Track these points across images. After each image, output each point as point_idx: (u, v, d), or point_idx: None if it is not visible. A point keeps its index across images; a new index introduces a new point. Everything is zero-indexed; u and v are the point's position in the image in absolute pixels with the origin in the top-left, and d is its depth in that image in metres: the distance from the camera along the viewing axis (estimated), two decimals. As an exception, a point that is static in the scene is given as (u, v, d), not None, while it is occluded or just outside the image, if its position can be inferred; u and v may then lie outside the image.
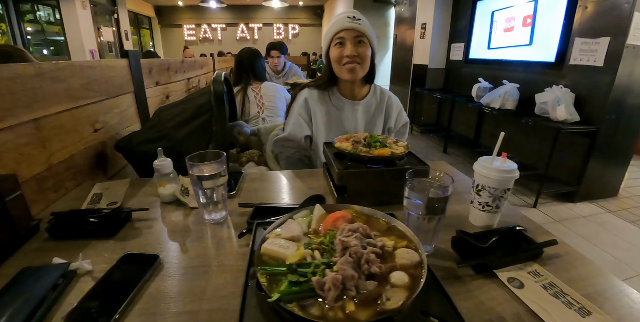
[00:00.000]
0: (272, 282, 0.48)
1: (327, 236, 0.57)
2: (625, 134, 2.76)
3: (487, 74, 3.73)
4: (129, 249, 0.70)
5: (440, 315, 0.47)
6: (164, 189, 0.91)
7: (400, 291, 0.47)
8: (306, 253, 0.52)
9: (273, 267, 0.50)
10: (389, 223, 0.64)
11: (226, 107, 1.05)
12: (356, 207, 0.68)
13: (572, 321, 0.54)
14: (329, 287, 0.44)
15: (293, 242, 0.56)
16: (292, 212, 0.65)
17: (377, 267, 0.48)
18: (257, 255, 0.53)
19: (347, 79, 1.26)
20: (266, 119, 2.12)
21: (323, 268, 0.48)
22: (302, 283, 0.46)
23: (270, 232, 0.59)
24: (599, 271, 0.68)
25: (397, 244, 0.56)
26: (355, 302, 0.44)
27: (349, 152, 0.91)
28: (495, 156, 0.81)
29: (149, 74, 1.75)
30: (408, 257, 0.52)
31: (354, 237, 0.51)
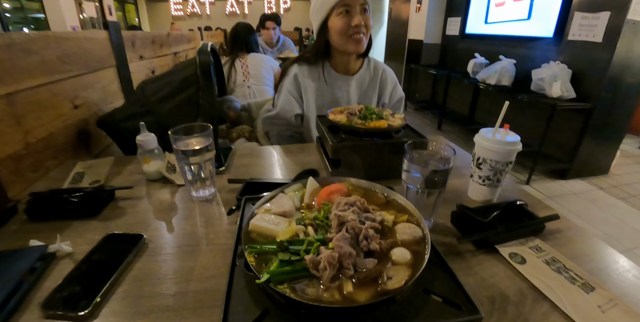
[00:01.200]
0: (262, 261, 0.44)
1: (321, 210, 0.53)
2: (620, 112, 2.74)
3: (484, 49, 3.64)
4: (113, 229, 0.67)
5: (443, 293, 0.44)
6: (148, 166, 0.86)
7: (402, 268, 0.43)
8: (298, 229, 0.48)
9: (262, 245, 0.46)
10: (388, 196, 0.60)
11: (214, 79, 0.98)
12: (352, 180, 0.64)
13: (576, 297, 0.52)
14: (324, 266, 0.40)
15: (284, 218, 0.52)
16: (283, 186, 0.61)
17: (376, 243, 0.44)
18: (245, 232, 0.49)
19: (353, 51, 1.17)
20: (252, 87, 2.12)
21: (317, 245, 0.44)
22: (294, 262, 0.42)
23: (259, 207, 0.55)
24: (600, 245, 0.66)
25: (398, 219, 0.52)
26: (354, 282, 0.41)
27: (344, 124, 0.86)
28: (498, 128, 0.77)
29: (132, 47, 1.65)
30: (410, 232, 0.49)
31: (351, 212, 0.48)
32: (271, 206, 0.54)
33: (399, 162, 0.86)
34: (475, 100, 4.02)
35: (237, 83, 2.16)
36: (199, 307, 0.48)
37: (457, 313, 0.41)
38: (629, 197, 2.75)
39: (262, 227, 0.50)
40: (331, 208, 0.52)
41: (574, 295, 0.53)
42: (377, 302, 0.38)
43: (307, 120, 1.27)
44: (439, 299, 0.43)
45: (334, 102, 1.26)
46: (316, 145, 1.09)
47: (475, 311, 0.41)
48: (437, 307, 0.42)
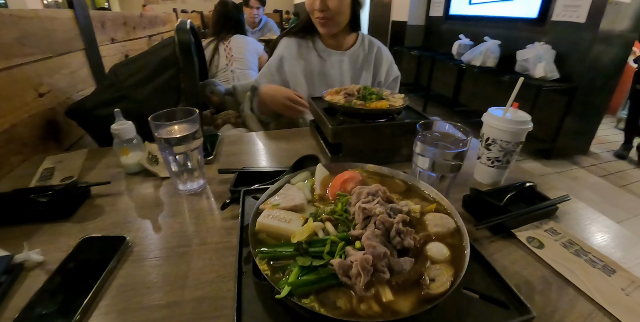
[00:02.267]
0: (276, 268, 0.37)
1: (338, 202, 0.46)
2: (601, 92, 2.78)
3: (468, 30, 3.59)
4: (90, 232, 0.58)
5: (486, 291, 0.38)
6: (127, 158, 0.77)
7: (442, 267, 0.37)
8: (317, 226, 0.40)
9: (275, 248, 0.39)
10: (407, 183, 0.53)
11: (195, 60, 0.88)
12: (366, 166, 0.57)
13: (599, 281, 0.51)
14: (357, 271, 0.33)
15: (296, 214, 0.44)
16: (287, 175, 0.54)
17: (411, 239, 0.38)
18: (252, 233, 0.42)
19: (321, 32, 1.13)
20: (236, 71, 1.98)
21: (342, 245, 0.37)
22: (317, 268, 0.35)
23: (265, 201, 0.47)
24: (612, 226, 0.65)
25: (425, 209, 0.46)
26: (392, 288, 0.34)
27: (343, 105, 0.79)
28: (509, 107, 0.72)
29: (102, 28, 1.50)
30: (442, 223, 0.43)
31: (377, 203, 0.41)
32: (279, 200, 0.46)
33: (402, 144, 0.82)
34: (459, 82, 4.00)
35: (219, 67, 2.00)
36: (197, 319, 0.41)
37: (506, 314, 0.36)
38: (608, 174, 2.83)
39: (273, 226, 0.42)
40: (350, 200, 0.45)
41: (596, 279, 0.51)
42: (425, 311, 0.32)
43: None
44: (474, 296, 0.38)
45: (325, 79, 1.20)
46: (310, 129, 1.02)
47: (525, 310, 0.36)
48: (483, 308, 0.37)
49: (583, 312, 0.45)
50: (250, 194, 0.56)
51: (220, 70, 1.99)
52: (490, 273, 0.41)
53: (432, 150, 0.56)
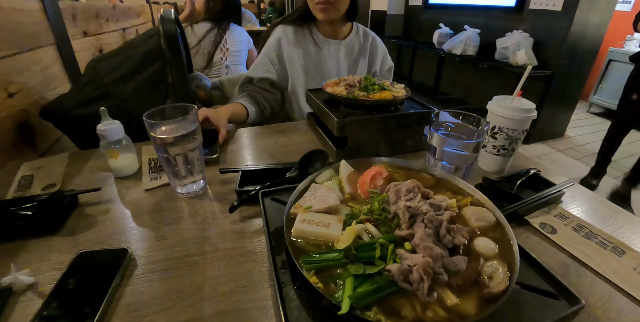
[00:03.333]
0: (324, 279, 0.33)
1: (373, 201, 0.43)
2: (576, 78, 2.87)
3: (448, 19, 3.61)
4: (84, 245, 0.53)
5: (532, 283, 0.37)
6: (116, 161, 0.71)
7: (495, 262, 0.35)
8: (360, 229, 0.37)
9: (320, 255, 0.35)
10: (435, 176, 0.51)
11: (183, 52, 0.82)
12: (390, 160, 0.54)
13: (612, 262, 0.53)
14: (419, 276, 0.30)
15: (332, 216, 0.40)
16: (297, 178, 0.50)
17: (462, 236, 0.36)
18: (289, 241, 0.38)
19: (320, 19, 1.08)
20: (230, 67, 1.80)
21: (392, 248, 0.34)
22: (373, 276, 0.32)
23: (295, 205, 0.43)
24: (615, 208, 0.68)
25: (460, 202, 0.44)
26: (453, 290, 0.32)
27: (346, 97, 0.76)
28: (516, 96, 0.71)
29: (73, 21, 1.39)
30: (483, 217, 0.41)
31: (422, 201, 0.38)
32: (311, 202, 0.43)
33: (406, 136, 0.80)
34: (440, 71, 4.04)
35: (213, 61, 1.79)
36: (224, 336, 0.38)
37: (557, 305, 0.35)
38: (583, 157, 2.95)
39: (312, 232, 0.38)
40: (386, 198, 0.42)
41: (609, 260, 0.53)
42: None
43: (293, 89, 1.15)
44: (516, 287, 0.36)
45: (322, 68, 1.16)
46: (308, 122, 0.98)
47: (574, 300, 0.35)
48: (533, 301, 0.35)
49: (603, 293, 0.47)
50: (269, 195, 0.52)
51: (214, 65, 1.81)
52: (532, 264, 0.40)
53: (449, 141, 0.55)
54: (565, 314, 0.33)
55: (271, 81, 1.13)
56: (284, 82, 1.16)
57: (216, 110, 0.91)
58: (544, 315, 0.33)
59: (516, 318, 0.33)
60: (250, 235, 0.55)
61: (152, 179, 0.71)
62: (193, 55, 1.76)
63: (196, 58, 1.78)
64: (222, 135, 0.87)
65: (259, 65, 1.13)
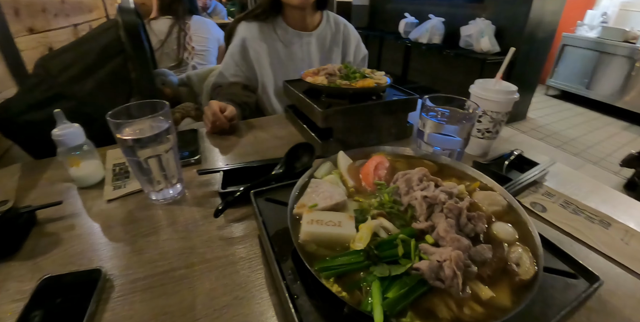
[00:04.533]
0: (346, 286, 0.30)
1: (382, 193, 0.39)
2: (534, 63, 3.01)
3: (413, 9, 3.65)
4: (48, 269, 0.46)
5: (551, 264, 0.36)
6: (78, 170, 0.63)
7: (519, 248, 0.33)
8: (376, 225, 0.34)
9: (337, 260, 0.31)
10: (438, 162, 0.49)
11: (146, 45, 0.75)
12: (388, 149, 0.51)
13: (601, 235, 0.55)
14: (452, 272, 0.28)
15: (341, 213, 0.36)
16: (284, 174, 0.45)
17: (483, 223, 0.34)
18: (299, 247, 0.33)
19: (296, 4, 1.01)
20: (197, 67, 1.61)
21: (414, 243, 0.31)
22: (401, 277, 0.29)
23: (297, 204, 0.39)
24: (595, 184, 0.70)
25: (468, 188, 0.42)
26: (485, 282, 0.30)
27: (328, 86, 0.73)
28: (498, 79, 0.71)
29: (16, 17, 1.24)
30: (494, 201, 0.39)
31: (438, 190, 0.36)
32: (315, 200, 0.38)
33: (391, 123, 0.78)
34: (407, 60, 4.09)
35: (179, 61, 1.62)
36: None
37: (578, 284, 0.34)
38: (545, 137, 3.12)
39: (324, 233, 0.34)
40: (396, 189, 0.39)
41: (598, 233, 0.55)
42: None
43: (263, 87, 1.10)
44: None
45: (292, 64, 1.11)
46: (286, 115, 0.94)
47: (592, 277, 0.35)
48: (557, 283, 0.34)
49: (599, 266, 0.48)
50: (261, 195, 0.47)
51: (181, 65, 1.63)
52: (546, 245, 0.39)
53: (441, 126, 0.53)
54: (588, 293, 0.32)
55: (243, 84, 1.07)
56: (254, 82, 1.10)
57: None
58: (568, 296, 0.33)
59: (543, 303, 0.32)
60: (240, 240, 0.50)
61: (116, 188, 0.64)
62: (159, 56, 1.60)
63: (162, 58, 1.62)
64: (231, 110, 0.86)
65: (226, 69, 1.07)
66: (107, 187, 0.65)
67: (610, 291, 0.42)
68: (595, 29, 3.60)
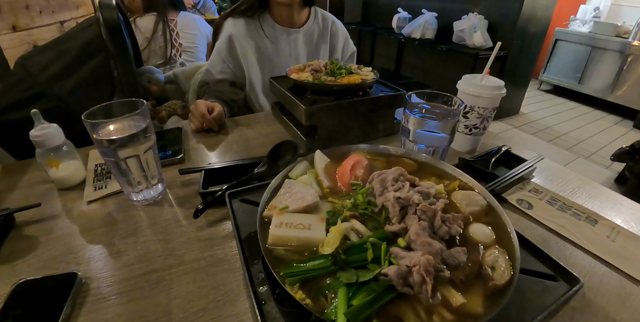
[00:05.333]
0: (312, 292, 0.29)
1: (356, 193, 0.38)
2: (527, 58, 3.00)
3: (406, 4, 3.62)
4: (25, 273, 0.45)
5: (530, 266, 0.35)
6: (57, 171, 0.62)
7: (495, 250, 0.32)
8: (346, 228, 0.33)
9: (304, 265, 0.30)
10: (418, 160, 0.48)
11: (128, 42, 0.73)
12: (368, 147, 0.50)
13: (587, 232, 0.54)
14: (420, 278, 0.27)
15: (312, 215, 0.36)
16: (266, 172, 0.44)
17: (458, 225, 0.33)
18: (265, 251, 0.32)
19: (282, 1, 0.99)
20: (185, 64, 1.57)
21: (385, 247, 0.30)
22: (369, 283, 0.28)
23: (268, 206, 0.38)
24: (582, 180, 0.70)
25: (448, 187, 0.41)
26: (456, 287, 0.29)
27: (313, 83, 0.71)
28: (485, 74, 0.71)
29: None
30: (473, 201, 0.38)
31: (412, 190, 0.35)
32: (286, 201, 0.37)
33: (377, 120, 0.78)
34: (400, 55, 4.07)
35: (167, 58, 1.59)
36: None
37: (557, 286, 0.34)
38: (537, 131, 3.13)
39: (292, 237, 0.33)
40: (371, 189, 0.38)
41: (584, 230, 0.55)
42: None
43: (251, 84, 1.08)
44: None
45: (278, 61, 1.09)
46: (273, 112, 0.93)
47: (573, 279, 0.34)
48: (533, 285, 0.34)
49: (584, 264, 0.48)
50: (236, 196, 0.46)
51: (169, 62, 1.60)
52: (526, 246, 0.38)
53: (424, 123, 0.52)
54: (567, 296, 0.32)
55: (230, 82, 1.06)
56: (242, 79, 1.09)
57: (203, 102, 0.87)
58: (546, 299, 0.32)
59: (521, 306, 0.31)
60: (220, 241, 0.49)
61: (97, 189, 0.63)
62: (147, 54, 1.57)
63: (150, 56, 1.59)
64: (219, 111, 0.85)
65: (213, 67, 1.05)
66: (87, 188, 0.64)
67: (594, 289, 0.42)
68: (587, 24, 3.60)
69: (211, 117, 0.83)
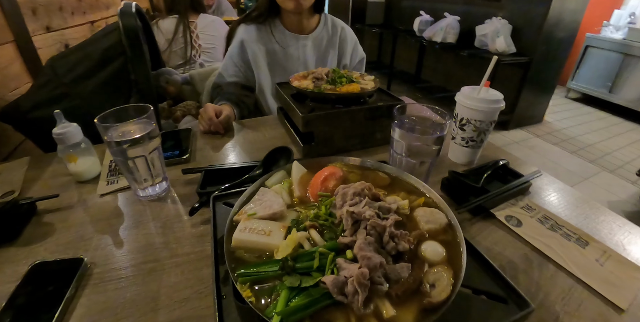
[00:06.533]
0: (261, 291, 0.32)
1: (321, 205, 0.41)
2: (553, 64, 2.90)
3: (428, 7, 3.59)
4: (41, 256, 0.51)
5: (480, 286, 0.36)
6: (75, 165, 0.68)
7: (440, 269, 0.34)
8: (301, 237, 0.36)
9: (256, 267, 0.34)
10: (391, 175, 0.50)
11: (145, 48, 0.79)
12: (346, 159, 0.53)
13: (575, 254, 0.53)
14: (353, 289, 0.29)
15: (275, 223, 0.39)
16: (260, 178, 0.48)
17: (406, 242, 0.35)
18: (228, 251, 0.36)
19: (290, 9, 1.02)
20: (205, 65, 1.64)
21: (332, 257, 0.33)
22: (308, 288, 0.31)
23: (239, 211, 0.42)
24: (582, 198, 0.68)
25: (413, 203, 0.43)
26: (391, 300, 0.31)
27: (312, 91, 0.74)
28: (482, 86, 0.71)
29: (34, 16, 1.31)
30: (433, 219, 0.40)
31: (366, 205, 0.37)
32: (255, 208, 0.41)
33: (375, 129, 0.79)
34: (421, 59, 4.03)
35: (187, 58, 1.66)
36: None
37: (506, 309, 0.34)
38: (560, 142, 3.01)
39: (251, 241, 0.37)
40: (334, 201, 0.41)
41: (572, 252, 0.53)
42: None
43: (260, 88, 1.13)
44: (482, 298, 0.36)
45: (288, 66, 1.13)
46: (278, 117, 0.96)
47: (524, 303, 0.35)
48: (480, 305, 0.35)
49: (564, 287, 0.47)
50: (221, 199, 0.50)
51: (188, 62, 1.67)
52: (483, 265, 0.40)
53: (411, 136, 0.54)
54: (513, 319, 0.33)
55: (241, 84, 1.11)
56: (252, 83, 1.14)
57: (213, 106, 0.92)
58: (491, 320, 0.33)
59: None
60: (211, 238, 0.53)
61: (109, 183, 0.69)
62: (167, 55, 1.65)
63: (171, 57, 1.67)
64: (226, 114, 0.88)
65: (225, 70, 1.11)
66: (101, 182, 0.70)
67: (570, 314, 0.41)
68: (621, 30, 3.43)
69: (218, 120, 0.87)
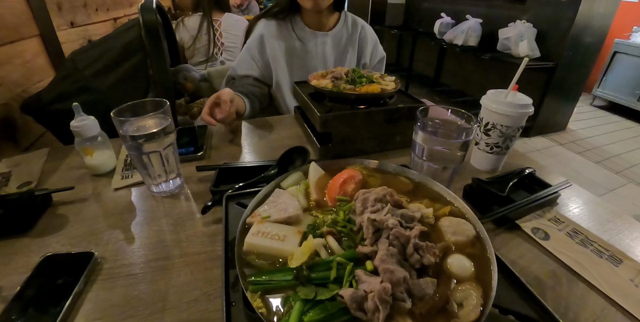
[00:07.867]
0: (273, 301, 0.30)
1: (339, 210, 0.39)
2: (579, 70, 2.79)
3: (450, 9, 3.52)
4: (53, 248, 0.50)
5: (512, 306, 0.33)
6: (92, 159, 0.68)
7: (469, 287, 0.31)
8: (317, 244, 0.33)
9: (269, 275, 0.31)
10: (414, 180, 0.47)
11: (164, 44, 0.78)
12: (365, 162, 0.50)
13: (607, 272, 0.49)
14: (374, 305, 0.27)
15: (290, 227, 0.37)
16: (276, 178, 0.46)
17: (432, 255, 0.32)
18: (239, 255, 0.34)
19: (309, 8, 1.01)
20: (225, 63, 1.67)
21: (351, 268, 0.30)
22: (323, 302, 0.28)
23: (252, 213, 0.40)
24: (614, 212, 0.63)
25: (438, 212, 0.40)
26: (416, 319, 0.28)
27: (331, 91, 0.72)
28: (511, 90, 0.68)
29: (59, 11, 1.35)
30: (461, 230, 0.36)
31: (388, 213, 0.34)
32: (269, 210, 0.39)
33: (395, 131, 0.77)
34: (441, 62, 3.96)
35: (209, 55, 1.68)
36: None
37: None
38: (584, 151, 2.90)
39: (264, 246, 0.35)
40: (354, 206, 0.38)
41: (604, 270, 0.49)
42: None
43: (278, 85, 1.12)
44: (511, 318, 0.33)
45: (306, 62, 1.12)
46: (295, 116, 0.95)
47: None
48: None
49: (595, 308, 0.43)
50: (234, 199, 0.48)
51: (210, 60, 1.68)
52: (512, 282, 0.36)
53: (435, 140, 0.51)
54: None
55: (254, 77, 1.10)
56: (268, 79, 1.13)
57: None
58: None
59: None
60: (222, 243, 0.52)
61: (124, 178, 0.69)
62: (192, 51, 1.68)
63: (194, 53, 1.69)
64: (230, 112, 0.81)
65: (240, 63, 1.09)
66: (115, 177, 0.70)
67: None
68: (653, 36, 3.29)
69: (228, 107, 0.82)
